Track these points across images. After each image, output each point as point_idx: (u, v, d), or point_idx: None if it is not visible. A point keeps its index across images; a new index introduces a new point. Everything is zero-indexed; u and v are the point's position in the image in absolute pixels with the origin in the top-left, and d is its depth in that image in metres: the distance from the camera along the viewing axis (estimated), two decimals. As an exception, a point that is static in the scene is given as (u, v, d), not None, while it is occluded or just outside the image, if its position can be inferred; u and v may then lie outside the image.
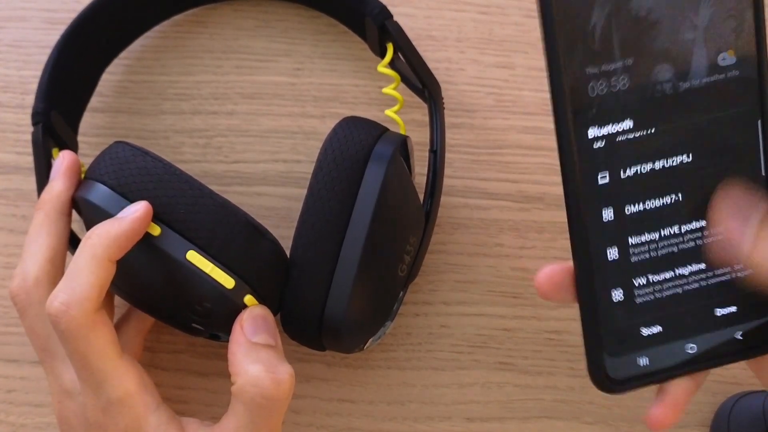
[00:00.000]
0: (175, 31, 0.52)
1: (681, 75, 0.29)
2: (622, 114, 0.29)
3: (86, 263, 0.36)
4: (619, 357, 0.32)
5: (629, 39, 0.28)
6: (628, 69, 0.29)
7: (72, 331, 0.35)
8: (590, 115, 0.29)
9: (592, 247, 0.31)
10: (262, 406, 0.36)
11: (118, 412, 0.36)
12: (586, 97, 0.29)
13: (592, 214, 0.30)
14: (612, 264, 0.31)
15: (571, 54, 0.28)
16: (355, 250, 0.38)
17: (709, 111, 0.30)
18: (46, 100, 0.44)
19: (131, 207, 0.37)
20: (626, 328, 0.32)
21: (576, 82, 0.29)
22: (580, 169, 0.30)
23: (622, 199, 0.30)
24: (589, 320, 0.32)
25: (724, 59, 0.29)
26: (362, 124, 0.41)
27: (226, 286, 0.37)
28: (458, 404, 0.47)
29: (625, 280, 0.31)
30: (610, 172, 0.30)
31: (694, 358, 0.32)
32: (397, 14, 0.47)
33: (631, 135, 0.30)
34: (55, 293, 0.35)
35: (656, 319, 0.32)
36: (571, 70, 0.28)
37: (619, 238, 0.31)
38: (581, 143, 0.29)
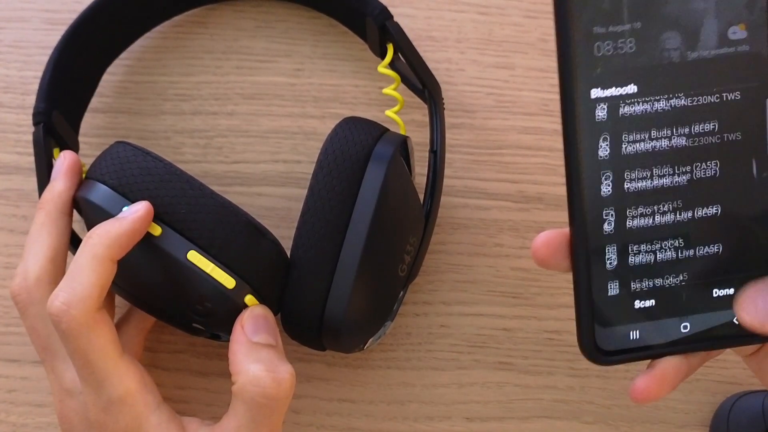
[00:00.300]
0: (176, 31, 0.52)
1: (689, 44, 0.29)
2: (626, 78, 0.29)
3: (87, 263, 0.36)
4: (609, 328, 0.31)
5: (639, 2, 0.28)
6: (636, 33, 0.28)
7: (73, 331, 0.35)
8: (594, 75, 0.29)
9: (589, 212, 0.30)
10: (262, 405, 0.36)
11: (119, 411, 0.36)
12: (591, 56, 0.28)
13: (591, 179, 0.30)
14: (608, 231, 0.31)
15: (580, 11, 0.28)
16: (356, 250, 0.38)
17: (716, 84, 0.29)
18: (47, 100, 0.44)
19: (132, 207, 0.37)
20: (619, 298, 0.31)
21: (582, 39, 0.28)
22: (581, 131, 0.29)
23: (623, 167, 0.30)
24: (582, 287, 0.31)
25: (735, 32, 0.29)
26: (363, 125, 0.41)
27: (227, 286, 0.37)
28: (458, 404, 0.47)
29: (621, 249, 0.31)
30: (612, 138, 0.30)
31: (688, 337, 0.32)
32: (396, 15, 0.47)
33: (635, 101, 0.29)
34: (56, 293, 0.35)
35: (650, 292, 0.31)
36: (578, 28, 0.28)
37: (618, 205, 0.30)
38: (584, 104, 0.29)
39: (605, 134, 0.30)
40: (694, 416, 0.46)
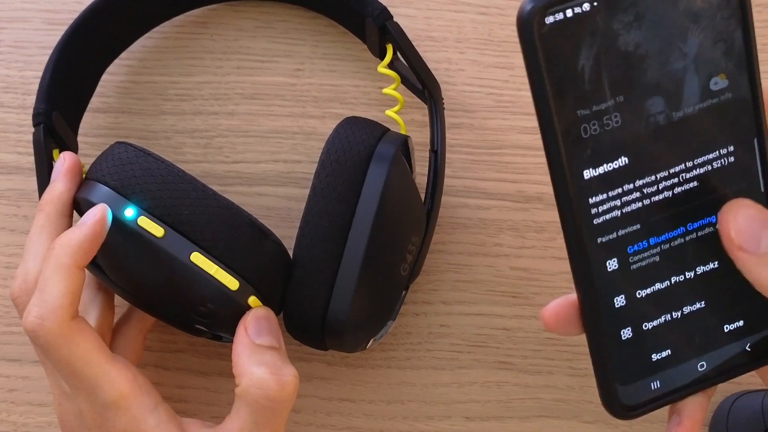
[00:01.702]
0: (176, 31, 0.52)
1: (674, 105, 0.29)
2: (616, 152, 0.29)
3: (53, 273, 0.36)
4: (631, 384, 0.32)
5: (619, 76, 0.28)
6: (620, 106, 0.28)
7: (51, 343, 0.35)
8: (585, 156, 0.29)
9: (596, 287, 0.31)
10: (266, 407, 0.36)
11: (115, 415, 0.36)
12: (580, 139, 0.28)
13: (595, 257, 0.30)
14: (619, 303, 0.31)
15: (561, 98, 0.28)
16: (358, 250, 0.38)
17: (704, 136, 0.29)
18: (47, 100, 0.44)
19: (90, 212, 0.37)
20: (636, 356, 0.32)
21: (568, 126, 0.28)
22: (579, 213, 0.29)
23: (624, 239, 0.30)
24: (599, 352, 0.31)
25: (716, 83, 0.29)
26: (364, 125, 0.41)
27: (230, 288, 0.37)
28: (458, 403, 0.47)
29: (632, 315, 0.31)
30: (609, 211, 0.30)
31: (705, 375, 0.32)
32: (396, 15, 0.47)
33: (628, 171, 0.29)
34: (29, 309, 0.35)
35: (665, 343, 0.32)
36: (562, 115, 0.28)
37: (624, 278, 0.31)
38: (578, 186, 0.29)
39: (602, 209, 0.30)
40: (693, 415, 0.46)
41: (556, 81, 0.27)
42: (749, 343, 0.32)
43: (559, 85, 0.28)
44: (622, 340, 0.32)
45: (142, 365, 0.46)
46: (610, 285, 0.31)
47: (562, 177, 0.29)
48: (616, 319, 0.31)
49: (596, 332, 0.31)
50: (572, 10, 0.27)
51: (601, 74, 0.28)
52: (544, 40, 0.27)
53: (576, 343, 0.47)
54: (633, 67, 0.28)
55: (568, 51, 0.27)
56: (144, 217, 0.37)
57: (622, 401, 0.32)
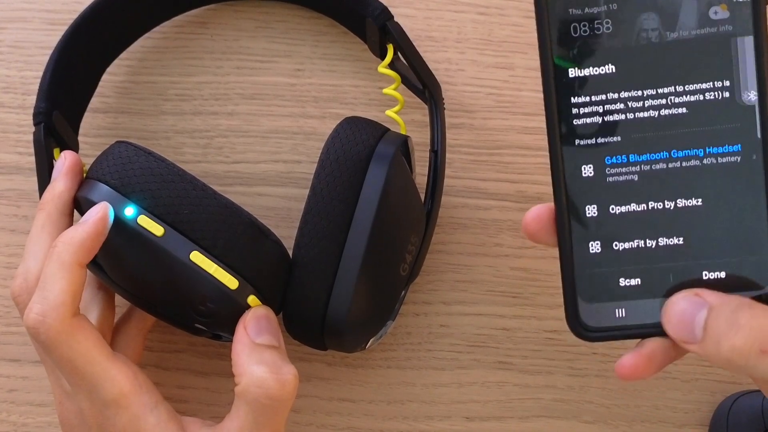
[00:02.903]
0: (176, 31, 0.52)
1: (669, 25, 0.28)
2: (604, 58, 0.29)
3: (55, 271, 0.36)
4: (595, 304, 0.31)
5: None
6: (613, 14, 0.28)
7: (52, 340, 0.35)
8: (571, 55, 0.29)
9: (572, 192, 0.30)
10: (266, 406, 0.36)
11: (115, 413, 0.36)
12: (568, 36, 0.29)
13: (572, 161, 0.30)
14: (591, 213, 0.31)
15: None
16: (358, 250, 0.38)
17: (698, 64, 0.29)
18: (48, 100, 0.44)
19: (92, 210, 0.37)
20: (603, 275, 0.31)
21: (559, 23, 0.29)
22: (561, 110, 0.30)
23: (603, 151, 0.30)
24: (567, 263, 0.31)
25: (716, 13, 0.29)
26: (364, 125, 0.41)
27: (230, 287, 0.37)
28: (458, 403, 0.47)
29: (606, 225, 0.31)
30: (590, 116, 0.30)
31: None
32: (396, 15, 0.47)
33: (614, 80, 0.29)
34: (30, 306, 0.35)
35: (635, 272, 0.31)
36: (553, 12, 0.29)
37: (600, 189, 0.31)
38: (562, 82, 0.29)
39: (584, 113, 0.30)
40: (693, 416, 0.46)
41: None
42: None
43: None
44: (590, 254, 0.31)
45: (143, 365, 0.46)
46: (584, 192, 0.31)
47: (548, 72, 0.29)
48: (587, 230, 0.31)
49: (565, 240, 0.31)
50: None
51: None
52: None
53: (576, 343, 0.47)
54: None
55: None
56: (144, 216, 0.37)
57: (583, 320, 0.32)
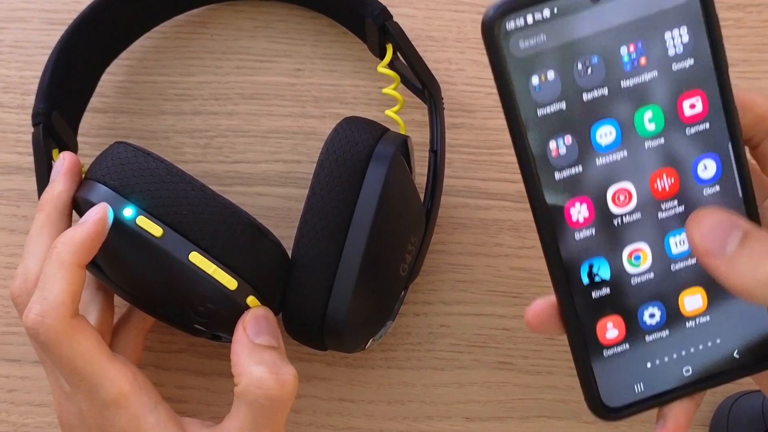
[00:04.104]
0: (176, 31, 0.52)
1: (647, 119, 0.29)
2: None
3: (55, 271, 0.36)
4: (613, 385, 0.32)
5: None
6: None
7: (52, 340, 0.35)
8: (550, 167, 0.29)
9: (572, 286, 0.31)
10: (265, 407, 0.36)
11: (114, 413, 0.36)
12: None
13: (570, 259, 0.30)
14: (596, 299, 0.31)
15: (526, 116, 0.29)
16: (358, 250, 0.38)
17: (676, 151, 0.29)
18: (47, 100, 0.44)
19: (91, 210, 0.37)
20: (616, 357, 0.32)
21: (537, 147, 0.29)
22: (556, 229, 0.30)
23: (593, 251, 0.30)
24: (579, 352, 0.31)
25: (691, 106, 0.29)
26: (363, 125, 0.41)
27: (229, 287, 0.37)
28: (458, 404, 0.47)
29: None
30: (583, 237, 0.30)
31: (691, 380, 0.32)
32: (396, 15, 0.47)
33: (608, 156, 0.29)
34: (30, 306, 0.35)
35: (648, 347, 0.32)
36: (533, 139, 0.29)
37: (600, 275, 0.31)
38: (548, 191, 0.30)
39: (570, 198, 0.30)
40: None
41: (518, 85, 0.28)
42: (737, 350, 0.32)
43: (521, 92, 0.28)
44: (604, 355, 0.31)
45: (142, 365, 0.46)
46: (587, 286, 0.31)
47: (530, 176, 0.29)
48: (595, 316, 0.31)
49: (576, 329, 0.31)
50: (533, 16, 0.27)
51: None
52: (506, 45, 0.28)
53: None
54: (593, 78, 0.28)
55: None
56: (143, 216, 0.37)
57: (604, 402, 0.32)
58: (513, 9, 0.27)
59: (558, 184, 0.29)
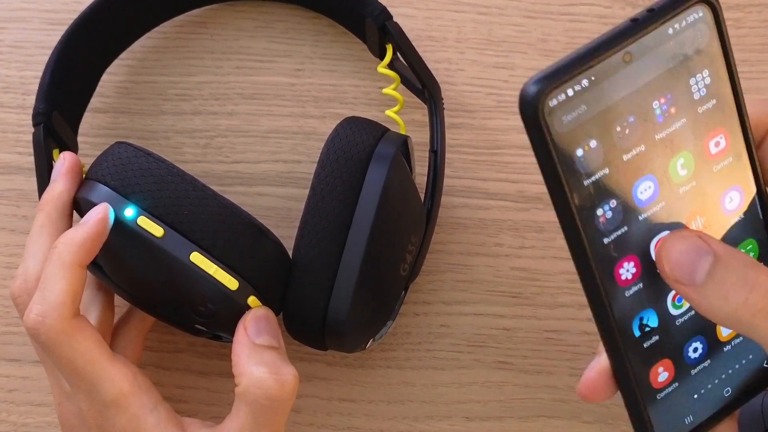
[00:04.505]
0: (176, 31, 0.52)
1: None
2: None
3: (56, 271, 0.36)
4: (667, 425, 0.32)
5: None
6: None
7: (52, 340, 0.35)
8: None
9: (625, 337, 0.30)
10: (266, 407, 0.36)
11: (115, 413, 0.36)
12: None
13: (621, 323, 0.30)
14: (646, 347, 0.31)
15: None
16: (358, 250, 0.38)
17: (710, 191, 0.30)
18: (47, 100, 0.44)
19: (92, 210, 0.37)
20: (669, 404, 0.32)
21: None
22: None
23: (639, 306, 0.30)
24: (635, 401, 0.31)
25: (717, 145, 0.29)
26: (364, 125, 0.41)
27: (230, 288, 0.37)
28: (458, 403, 0.47)
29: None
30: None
31: (731, 399, 0.32)
32: (396, 15, 0.47)
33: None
34: (30, 306, 0.35)
35: (695, 388, 0.32)
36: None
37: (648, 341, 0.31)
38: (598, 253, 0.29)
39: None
40: (693, 415, 0.46)
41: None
42: (766, 359, 0.33)
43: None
44: (657, 399, 0.32)
45: (142, 365, 0.46)
46: (636, 348, 0.31)
47: (580, 247, 0.28)
48: (647, 379, 0.31)
49: (631, 391, 0.31)
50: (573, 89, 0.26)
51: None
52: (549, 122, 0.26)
53: (576, 343, 0.47)
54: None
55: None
56: (144, 216, 0.37)
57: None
58: (555, 83, 0.26)
59: (606, 249, 0.29)
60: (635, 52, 0.27)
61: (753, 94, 0.50)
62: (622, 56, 0.27)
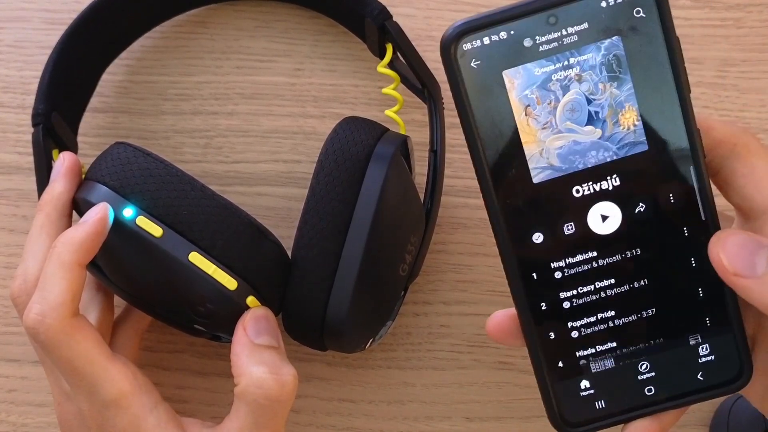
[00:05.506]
0: (176, 31, 0.52)
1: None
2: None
3: (55, 271, 0.36)
4: (573, 400, 0.32)
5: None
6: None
7: (52, 340, 0.35)
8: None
9: (530, 296, 0.31)
10: (265, 407, 0.36)
11: (115, 414, 0.36)
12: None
13: (524, 266, 0.31)
14: (551, 314, 0.31)
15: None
16: (357, 250, 0.38)
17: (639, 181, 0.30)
18: (47, 100, 0.44)
19: (92, 210, 0.37)
20: (575, 372, 0.32)
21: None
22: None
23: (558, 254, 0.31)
24: (539, 367, 0.32)
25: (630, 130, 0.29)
26: (363, 124, 0.41)
27: (229, 288, 0.37)
28: (458, 404, 0.47)
29: (565, 328, 0.31)
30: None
31: (653, 399, 0.32)
32: (396, 15, 0.47)
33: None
34: (30, 306, 0.35)
35: (605, 363, 0.32)
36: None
37: (552, 288, 0.31)
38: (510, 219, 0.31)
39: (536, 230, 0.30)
40: (694, 416, 0.46)
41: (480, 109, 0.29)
42: (700, 372, 0.32)
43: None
44: (559, 352, 0.32)
45: (142, 366, 0.46)
46: (540, 292, 0.31)
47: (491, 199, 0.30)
48: (549, 331, 0.32)
49: (535, 343, 0.32)
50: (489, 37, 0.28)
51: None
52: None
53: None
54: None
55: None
56: (143, 216, 0.37)
57: (565, 417, 0.32)
58: (472, 29, 0.29)
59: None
60: (562, 17, 0.28)
61: (753, 95, 0.50)
62: (547, 17, 0.28)
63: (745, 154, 0.30)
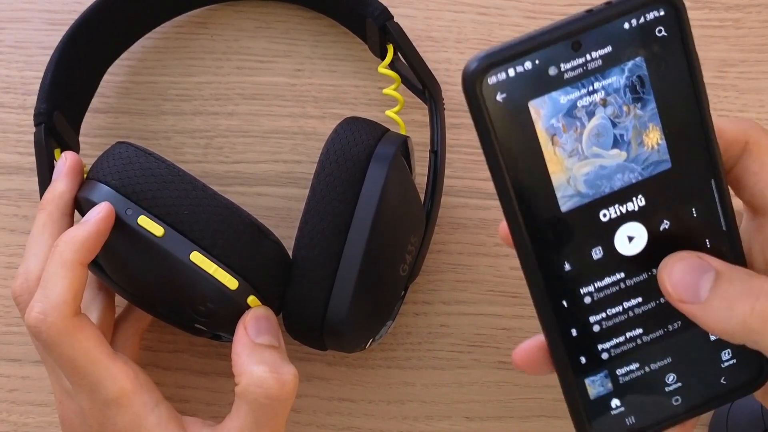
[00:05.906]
0: (177, 32, 0.52)
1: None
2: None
3: (57, 270, 0.36)
4: (604, 419, 0.32)
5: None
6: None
7: (54, 338, 0.35)
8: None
9: (561, 324, 0.31)
10: (266, 406, 0.36)
11: (116, 413, 0.36)
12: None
13: (556, 300, 0.30)
14: (582, 338, 0.31)
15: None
16: (358, 250, 0.38)
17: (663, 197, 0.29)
18: (48, 101, 0.44)
19: (94, 209, 0.37)
20: (606, 392, 0.32)
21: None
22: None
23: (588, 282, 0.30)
24: (569, 389, 0.31)
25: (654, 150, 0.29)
26: (363, 125, 0.41)
27: (230, 287, 0.37)
28: (458, 403, 0.47)
29: (595, 352, 0.31)
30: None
31: (681, 408, 0.32)
32: (396, 15, 0.47)
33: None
34: (32, 305, 0.35)
35: (636, 380, 0.32)
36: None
37: (584, 314, 0.31)
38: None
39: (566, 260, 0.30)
40: (693, 415, 0.46)
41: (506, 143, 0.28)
42: (723, 376, 0.32)
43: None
44: (591, 376, 0.31)
45: (143, 365, 0.46)
46: (572, 322, 0.31)
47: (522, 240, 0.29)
48: (581, 357, 0.31)
49: (565, 369, 0.31)
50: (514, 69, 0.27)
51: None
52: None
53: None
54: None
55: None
56: (144, 216, 0.37)
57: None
58: (496, 62, 0.27)
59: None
60: (585, 42, 0.27)
61: (752, 95, 0.50)
62: (571, 44, 0.27)
63: (756, 152, 0.30)
